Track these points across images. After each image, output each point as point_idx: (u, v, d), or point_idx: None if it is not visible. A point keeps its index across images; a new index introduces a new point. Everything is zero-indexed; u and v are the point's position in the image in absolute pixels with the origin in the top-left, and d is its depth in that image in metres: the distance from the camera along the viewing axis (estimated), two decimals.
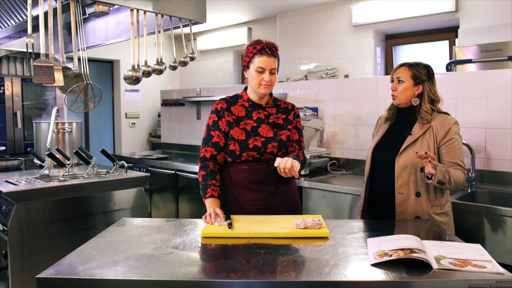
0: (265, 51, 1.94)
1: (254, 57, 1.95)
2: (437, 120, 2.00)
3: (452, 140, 1.97)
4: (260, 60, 1.94)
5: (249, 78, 2.01)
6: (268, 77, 1.95)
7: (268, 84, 1.97)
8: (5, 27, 3.46)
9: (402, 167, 1.98)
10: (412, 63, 2.06)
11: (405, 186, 1.98)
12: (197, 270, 1.33)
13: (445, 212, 2.01)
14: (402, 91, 2.03)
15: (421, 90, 2.02)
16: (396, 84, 2.05)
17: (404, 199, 1.98)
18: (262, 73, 1.95)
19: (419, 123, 2.03)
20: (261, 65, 1.94)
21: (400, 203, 1.98)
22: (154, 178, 4.23)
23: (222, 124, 2.05)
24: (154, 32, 3.25)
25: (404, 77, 2.03)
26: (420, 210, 1.96)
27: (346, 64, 4.56)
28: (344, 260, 1.37)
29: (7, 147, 4.46)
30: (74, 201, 2.69)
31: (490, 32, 3.60)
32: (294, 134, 2.12)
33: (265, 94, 2.03)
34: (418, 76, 2.02)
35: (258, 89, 1.99)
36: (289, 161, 1.80)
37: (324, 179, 3.12)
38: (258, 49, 1.94)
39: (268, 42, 1.97)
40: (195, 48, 6.11)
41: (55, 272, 1.28)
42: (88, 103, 3.05)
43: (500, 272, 1.24)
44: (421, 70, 2.03)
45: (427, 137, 1.98)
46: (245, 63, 2.01)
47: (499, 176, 2.76)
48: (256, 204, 2.01)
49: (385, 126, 2.17)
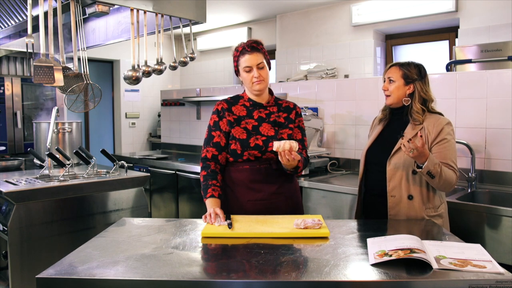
0: (245, 49, 1.99)
1: (239, 59, 2.02)
2: (429, 121, 1.98)
3: (444, 141, 1.93)
4: (244, 60, 1.99)
5: (243, 81, 2.06)
6: (257, 73, 1.98)
7: (260, 79, 1.99)
8: (5, 27, 3.46)
9: (394, 170, 1.96)
10: (403, 63, 2.04)
11: (397, 189, 1.96)
12: (197, 270, 1.33)
13: (439, 214, 1.97)
14: (393, 91, 2.02)
15: (412, 89, 2.00)
16: (388, 84, 2.04)
17: (397, 202, 1.96)
18: (250, 72, 2.00)
19: (411, 124, 2.00)
20: (246, 64, 1.99)
21: (392, 206, 1.97)
22: (154, 178, 4.23)
23: (223, 124, 2.05)
24: (154, 32, 3.25)
25: (394, 76, 2.02)
26: (413, 213, 1.94)
27: (346, 64, 4.56)
28: (344, 260, 1.37)
29: (7, 147, 4.46)
30: (74, 201, 2.69)
31: (490, 32, 3.60)
32: (297, 134, 2.12)
33: (261, 90, 2.03)
34: (408, 76, 2.00)
35: (253, 87, 2.01)
36: (287, 143, 1.80)
37: (324, 179, 3.12)
38: (240, 51, 2.01)
39: (248, 41, 2.02)
40: (195, 48, 6.11)
41: (55, 272, 1.28)
42: (88, 103, 3.05)
43: (500, 272, 1.24)
44: (411, 69, 2.01)
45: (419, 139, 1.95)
46: (235, 68, 2.07)
47: (499, 176, 2.75)
48: (257, 204, 2.01)
49: (379, 127, 2.16)
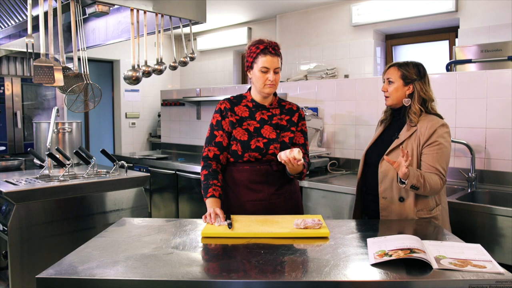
0: (268, 50, 1.93)
1: (258, 57, 1.95)
2: (423, 122, 1.94)
3: (435, 143, 1.89)
4: (264, 60, 1.93)
5: (253, 78, 2.01)
6: (272, 77, 1.95)
7: (273, 83, 1.97)
8: (5, 27, 3.46)
9: (385, 172, 1.96)
10: (401, 63, 2.02)
11: (388, 191, 1.95)
12: (197, 270, 1.33)
13: (434, 217, 1.94)
14: (392, 92, 2.00)
15: (412, 89, 1.98)
16: (387, 85, 2.03)
17: (388, 203, 1.96)
18: (266, 73, 1.95)
19: (407, 125, 1.99)
20: (265, 65, 1.93)
21: (384, 208, 1.96)
22: (154, 178, 4.23)
23: (226, 124, 2.05)
24: (154, 32, 3.25)
25: (393, 77, 2.00)
26: (405, 215, 1.94)
27: (346, 64, 4.56)
28: (344, 260, 1.37)
29: (7, 147, 4.46)
30: (74, 201, 2.69)
31: (490, 32, 3.60)
32: (300, 138, 2.10)
33: (270, 94, 2.02)
34: (407, 76, 1.98)
35: (263, 89, 1.98)
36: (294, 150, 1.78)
37: (324, 179, 3.12)
38: (261, 49, 1.94)
39: (270, 42, 1.97)
40: (195, 48, 6.12)
41: (55, 272, 1.28)
42: (88, 103, 3.04)
43: (500, 272, 1.24)
44: (410, 69, 1.99)
45: (412, 141, 1.94)
46: (248, 63, 2.00)
47: (499, 176, 2.75)
48: (257, 204, 2.00)
49: (380, 128, 2.16)
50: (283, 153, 1.81)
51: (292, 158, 1.78)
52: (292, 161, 1.79)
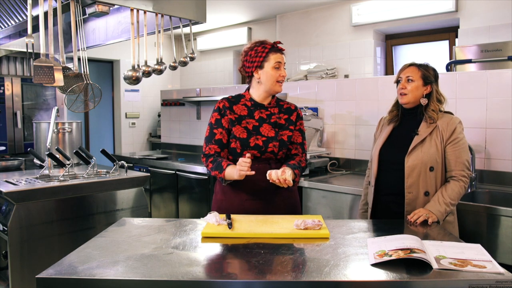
0: (277, 48, 2.04)
1: (269, 55, 2.01)
2: (442, 120, 2.03)
3: (458, 139, 2.00)
4: (276, 56, 2.02)
5: (263, 77, 2.03)
6: (284, 72, 2.05)
7: (283, 80, 2.05)
8: (5, 27, 3.46)
9: (412, 167, 1.99)
10: (420, 64, 2.09)
11: (414, 186, 1.99)
12: (197, 270, 1.33)
13: (452, 211, 2.02)
14: (412, 90, 2.04)
15: (430, 90, 2.05)
16: (406, 82, 2.06)
17: (413, 198, 1.99)
18: (279, 69, 2.03)
19: (425, 123, 2.04)
20: (279, 60, 2.02)
21: (409, 202, 1.99)
22: (154, 178, 4.23)
23: (225, 121, 2.06)
24: (154, 32, 3.25)
25: (414, 76, 2.05)
26: None
27: (346, 64, 4.56)
28: (344, 260, 1.37)
29: (7, 147, 4.46)
30: (74, 201, 2.69)
31: (490, 32, 3.60)
32: (298, 137, 2.13)
33: (280, 91, 2.09)
34: (428, 77, 2.05)
35: (275, 86, 2.05)
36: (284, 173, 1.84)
37: (324, 179, 3.12)
38: (270, 47, 2.03)
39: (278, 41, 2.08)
40: (195, 48, 6.11)
41: (55, 272, 1.28)
42: (88, 103, 3.04)
43: (500, 272, 1.24)
44: (430, 71, 2.08)
45: (434, 137, 2.00)
46: (257, 63, 2.03)
47: (499, 176, 2.76)
48: (255, 203, 2.01)
49: (389, 128, 2.16)
50: (274, 173, 1.85)
51: (282, 180, 1.83)
52: (282, 182, 1.84)
